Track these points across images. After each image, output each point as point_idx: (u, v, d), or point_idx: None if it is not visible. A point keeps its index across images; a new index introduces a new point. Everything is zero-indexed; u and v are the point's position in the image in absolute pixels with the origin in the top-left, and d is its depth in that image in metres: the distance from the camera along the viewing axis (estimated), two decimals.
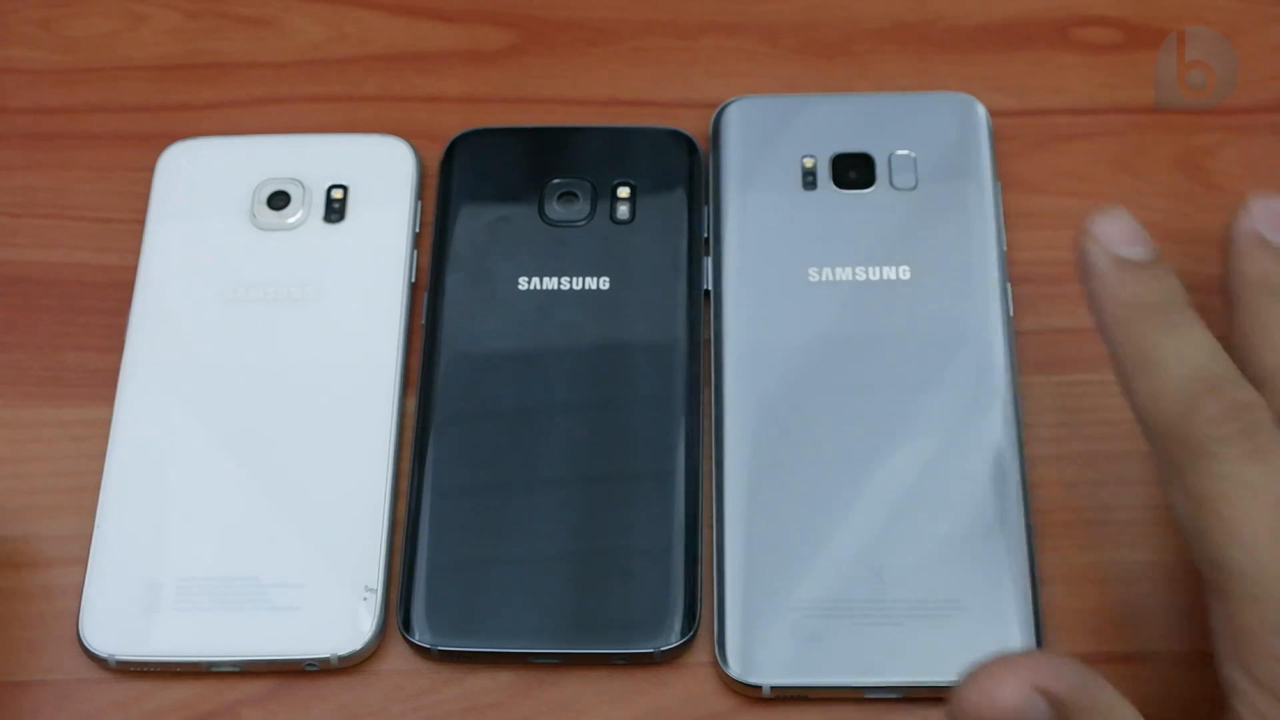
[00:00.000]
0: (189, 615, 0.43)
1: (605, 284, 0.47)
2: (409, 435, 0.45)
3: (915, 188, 0.48)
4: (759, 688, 0.41)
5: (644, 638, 0.42)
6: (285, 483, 0.44)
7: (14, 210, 0.50)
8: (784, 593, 0.42)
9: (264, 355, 0.46)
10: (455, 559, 0.43)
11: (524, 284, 0.47)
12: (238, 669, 0.43)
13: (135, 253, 0.48)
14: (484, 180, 0.49)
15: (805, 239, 0.47)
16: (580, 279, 0.47)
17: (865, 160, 0.48)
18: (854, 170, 0.48)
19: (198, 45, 0.52)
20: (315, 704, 0.43)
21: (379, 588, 0.43)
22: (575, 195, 0.48)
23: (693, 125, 0.50)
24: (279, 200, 0.48)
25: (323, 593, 0.43)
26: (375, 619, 0.43)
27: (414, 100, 0.51)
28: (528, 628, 0.42)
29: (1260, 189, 0.49)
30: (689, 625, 0.42)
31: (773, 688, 0.41)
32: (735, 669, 0.42)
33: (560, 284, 0.47)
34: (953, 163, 0.48)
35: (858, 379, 0.45)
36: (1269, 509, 0.34)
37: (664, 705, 0.42)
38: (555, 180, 0.49)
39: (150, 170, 0.49)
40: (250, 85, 0.52)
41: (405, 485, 0.45)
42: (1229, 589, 0.34)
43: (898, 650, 0.41)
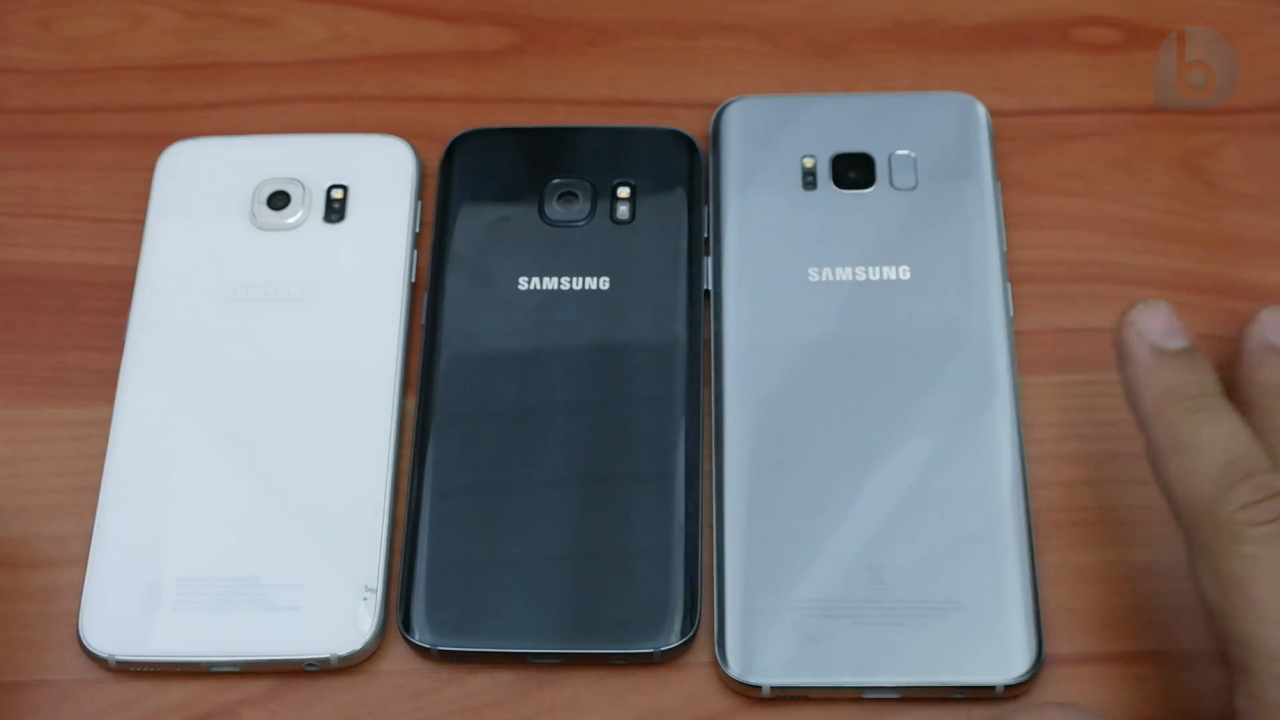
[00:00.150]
0: (189, 615, 0.43)
1: (605, 284, 0.47)
2: (409, 435, 0.45)
3: (915, 188, 0.48)
4: (759, 688, 0.41)
5: (644, 638, 0.42)
6: (285, 483, 0.44)
7: (14, 210, 0.50)
8: (784, 593, 0.42)
9: (264, 355, 0.46)
10: (455, 559, 0.43)
11: (524, 284, 0.47)
12: (238, 669, 0.43)
13: (135, 253, 0.48)
14: (484, 180, 0.49)
15: (805, 239, 0.47)
16: (580, 279, 0.47)
17: (865, 160, 0.48)
18: (854, 170, 0.48)
19: (198, 45, 0.52)
20: (315, 704, 0.43)
21: (379, 588, 0.43)
22: (575, 195, 0.48)
23: (693, 125, 0.50)
24: (279, 200, 0.48)
25: (323, 593, 0.43)
26: (375, 619, 0.43)
27: (414, 100, 0.51)
28: (528, 628, 0.42)
29: (1259, 191, 0.49)
30: (689, 625, 0.42)
31: (772, 688, 0.41)
32: (735, 669, 0.42)
33: (560, 284, 0.47)
34: (953, 163, 0.48)
35: (858, 379, 0.45)
36: None
37: (664, 705, 0.42)
38: (555, 180, 0.48)
39: (150, 170, 0.49)
40: (250, 85, 0.52)
41: (405, 485, 0.45)
42: (1256, 667, 0.35)
43: (897, 650, 0.41)
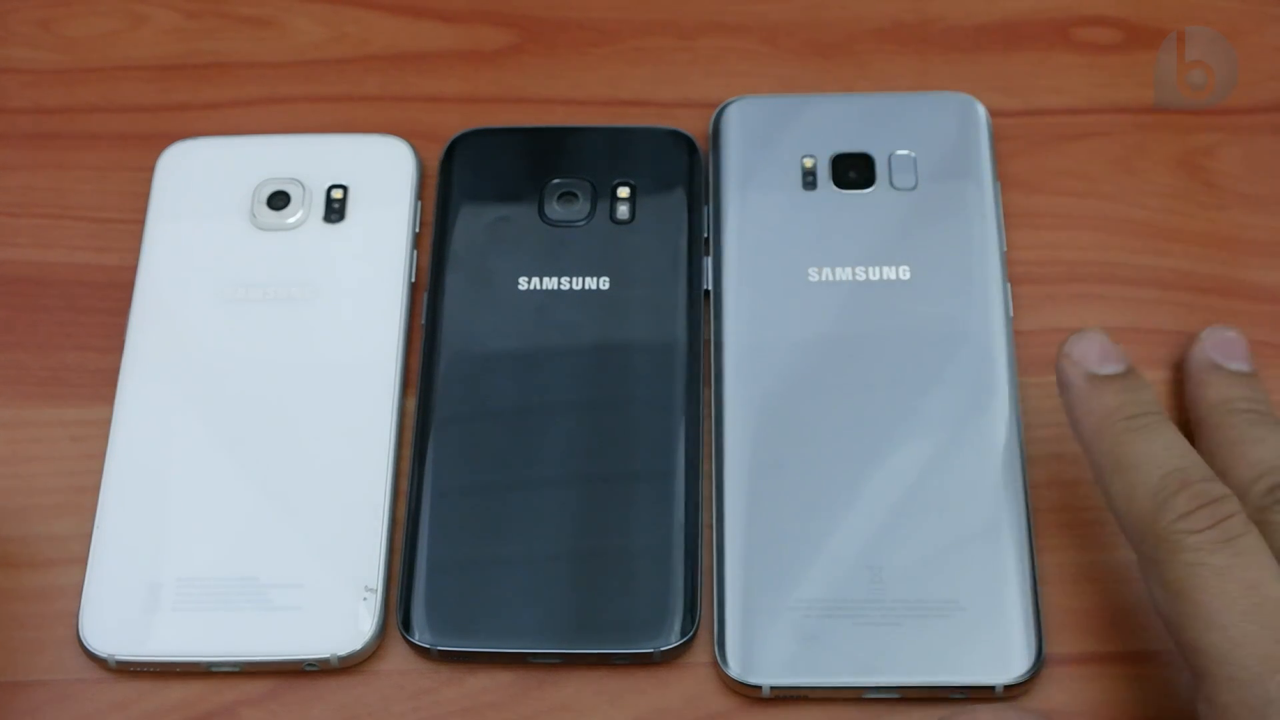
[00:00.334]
0: (189, 615, 0.43)
1: (605, 284, 0.47)
2: (409, 435, 0.45)
3: (915, 188, 0.48)
4: (759, 688, 0.41)
5: (644, 638, 0.42)
6: (285, 483, 0.44)
7: (14, 210, 0.50)
8: (784, 593, 0.42)
9: (264, 355, 0.46)
10: (455, 559, 0.43)
11: (524, 284, 0.47)
12: (237, 669, 0.43)
13: (135, 253, 0.48)
14: (484, 180, 0.49)
15: (805, 239, 0.47)
16: (580, 279, 0.47)
17: (865, 160, 0.48)
18: (854, 170, 0.48)
19: (198, 45, 0.52)
20: (315, 704, 0.43)
21: (379, 587, 0.43)
22: (575, 195, 0.48)
23: (693, 125, 0.50)
24: (279, 200, 0.48)
25: (322, 593, 0.43)
26: (375, 619, 0.43)
27: (414, 100, 0.51)
28: (528, 628, 0.42)
29: (1259, 191, 0.49)
30: (689, 625, 0.42)
31: (772, 688, 0.41)
32: (735, 669, 0.42)
33: (560, 284, 0.47)
34: (953, 163, 0.48)
35: (858, 379, 0.45)
36: (1241, 593, 0.36)
37: (664, 705, 0.42)
38: (555, 180, 0.48)
39: (150, 170, 0.49)
40: (250, 85, 0.52)
41: (405, 485, 0.45)
42: (1209, 672, 0.36)
43: (897, 650, 0.41)
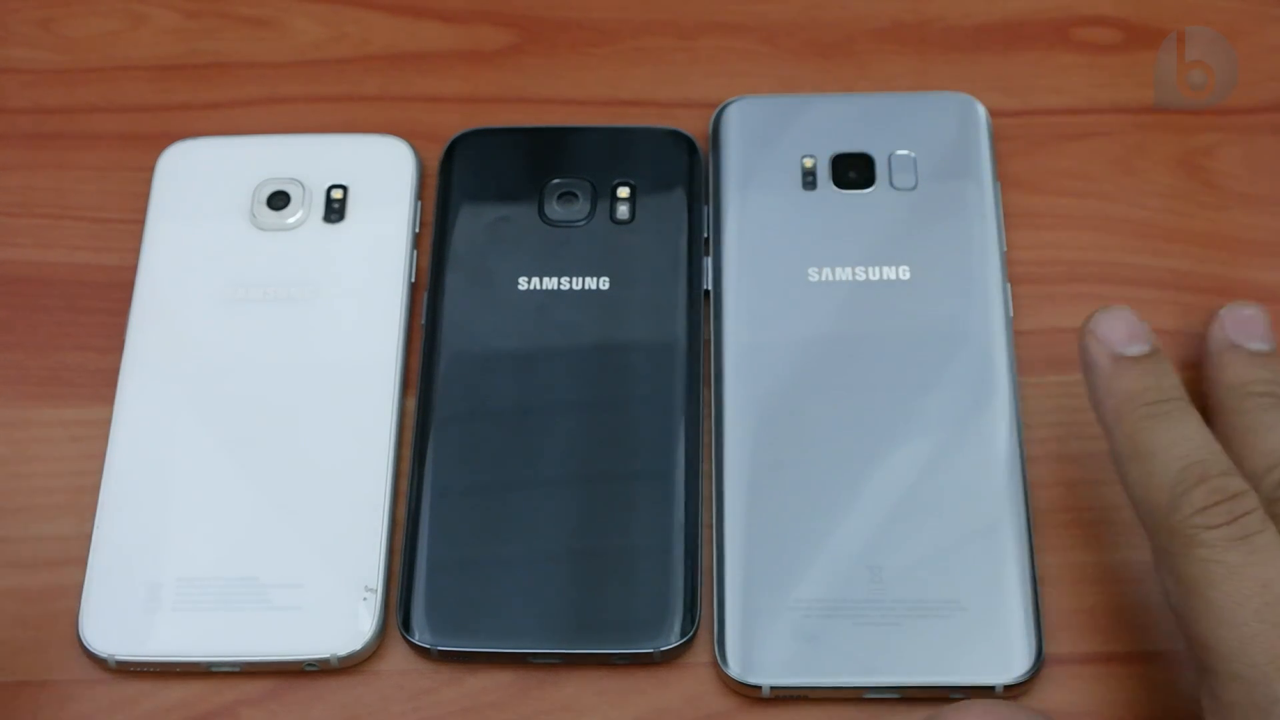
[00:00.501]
0: (189, 615, 0.43)
1: (605, 284, 0.47)
2: (409, 435, 0.45)
3: (915, 188, 0.48)
4: (759, 688, 0.41)
5: (644, 638, 0.42)
6: (285, 482, 0.44)
7: (14, 210, 0.50)
8: (784, 593, 0.42)
9: (264, 355, 0.46)
10: (455, 559, 0.43)
11: (524, 284, 0.47)
12: (238, 669, 0.43)
13: (135, 253, 0.48)
14: (484, 180, 0.49)
15: (805, 239, 0.47)
16: (580, 279, 0.47)
17: (865, 160, 0.48)
18: (854, 170, 0.48)
19: (198, 45, 0.52)
20: (315, 704, 0.43)
21: (379, 588, 0.43)
22: (575, 195, 0.48)
23: (693, 125, 0.50)
24: (279, 200, 0.48)
25: (322, 593, 0.43)
26: (375, 619, 0.43)
27: (414, 100, 0.51)
28: (528, 628, 0.42)
29: (1259, 191, 0.49)
30: (689, 625, 0.42)
31: (772, 688, 0.41)
32: (735, 669, 0.42)
33: (560, 284, 0.47)
34: (953, 163, 0.48)
35: (858, 379, 0.45)
36: (1253, 592, 0.36)
37: (664, 705, 0.42)
38: (555, 180, 0.48)
39: (150, 170, 0.49)
40: (250, 85, 0.52)
41: (405, 485, 0.45)
42: (1215, 668, 0.36)
43: (897, 650, 0.41)
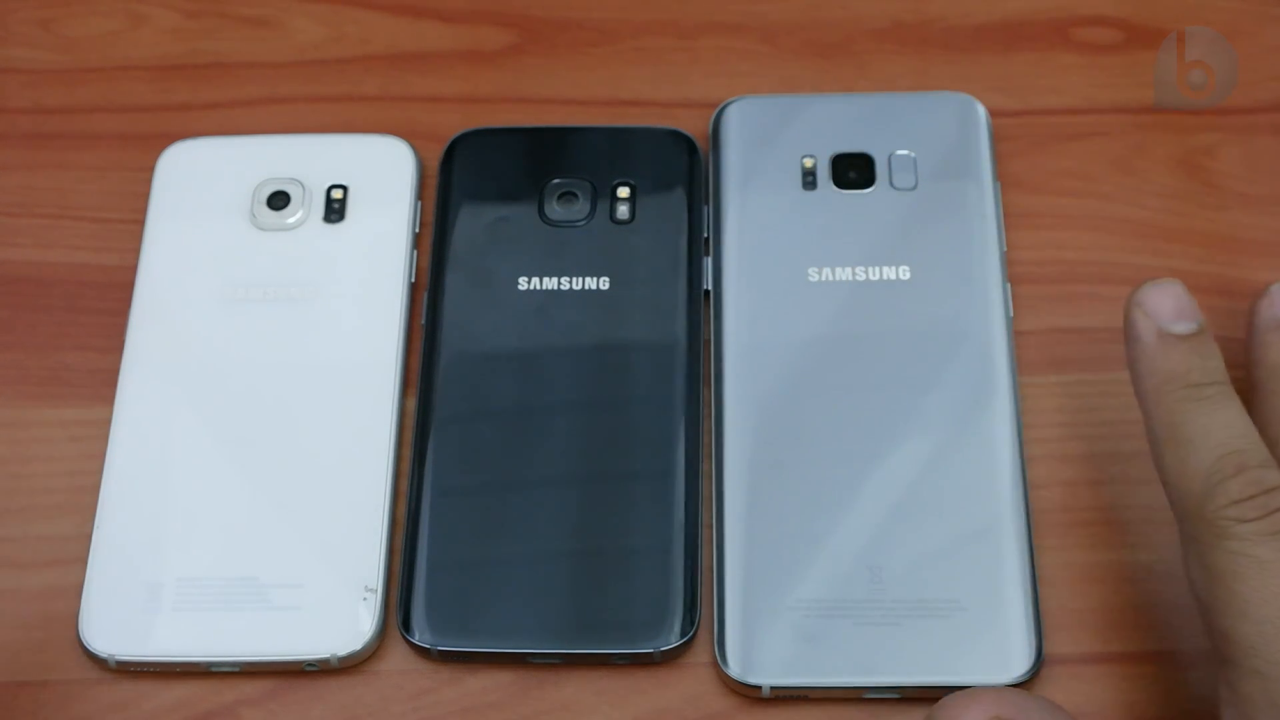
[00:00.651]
0: (189, 615, 0.43)
1: (605, 284, 0.47)
2: (409, 435, 0.45)
3: (915, 188, 0.48)
4: (759, 688, 0.41)
5: (644, 638, 0.42)
6: (285, 483, 0.44)
7: (14, 210, 0.50)
8: (784, 593, 0.42)
9: (264, 355, 0.46)
10: (455, 559, 0.43)
11: (524, 284, 0.47)
12: (238, 669, 0.43)
13: (135, 253, 0.48)
14: (484, 180, 0.49)
15: (805, 239, 0.47)
16: (580, 279, 0.47)
17: (865, 160, 0.48)
18: (854, 170, 0.48)
19: (198, 45, 0.52)
20: (315, 704, 0.43)
21: (379, 588, 0.43)
22: (575, 195, 0.48)
23: (693, 125, 0.50)
24: (279, 200, 0.48)
25: (323, 593, 0.43)
26: (375, 619, 0.43)
27: (414, 100, 0.51)
28: (528, 628, 0.42)
29: (1259, 191, 0.49)
30: (689, 625, 0.42)
31: (772, 688, 0.41)
32: (735, 669, 0.42)
33: (560, 284, 0.47)
34: (953, 163, 0.48)
35: (858, 379, 0.45)
36: None
37: (664, 705, 0.42)
38: (555, 180, 0.48)
39: (150, 170, 0.49)
40: (250, 85, 0.52)
41: (405, 485, 0.45)
42: (1236, 661, 0.36)
43: (897, 650, 0.41)
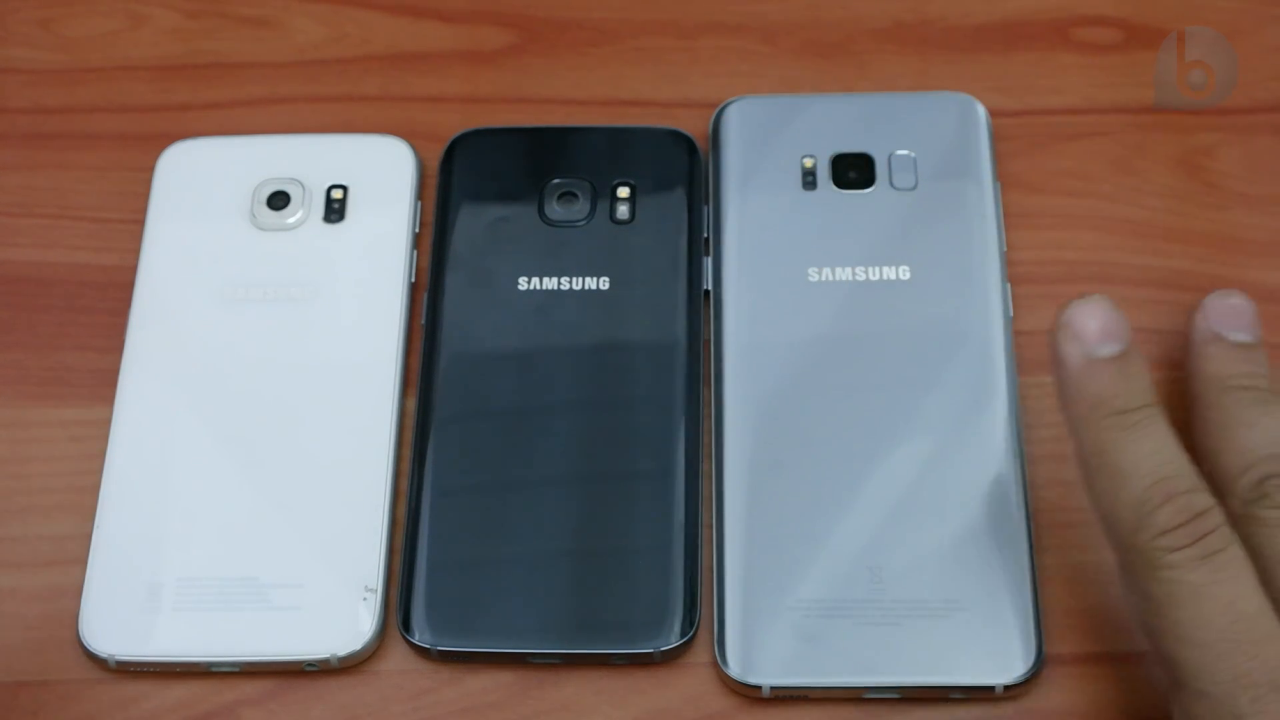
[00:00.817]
0: (189, 615, 0.43)
1: (605, 284, 0.47)
2: (409, 435, 0.45)
3: (915, 188, 0.48)
4: (759, 688, 0.41)
5: (644, 638, 0.42)
6: (285, 483, 0.44)
7: (14, 210, 0.50)
8: (784, 593, 0.42)
9: (264, 355, 0.46)
10: (455, 559, 0.43)
11: (524, 284, 0.47)
12: (238, 669, 0.43)
13: (135, 253, 0.48)
14: (484, 180, 0.49)
15: (805, 239, 0.47)
16: (580, 279, 0.47)
17: (865, 160, 0.48)
18: (854, 170, 0.48)
19: (198, 45, 0.52)
20: (315, 704, 0.43)
21: (379, 588, 0.43)
22: (575, 195, 0.48)
23: (693, 125, 0.50)
24: (279, 200, 0.48)
25: (323, 593, 0.43)
26: (375, 619, 0.43)
27: (414, 100, 0.51)
28: (528, 628, 0.42)
29: (1259, 191, 0.49)
30: (689, 625, 0.42)
31: (772, 688, 0.41)
32: (735, 669, 0.42)
33: (560, 284, 0.47)
34: (953, 163, 0.48)
35: (858, 379, 0.45)
36: (1218, 611, 0.35)
37: (664, 705, 0.42)
38: (555, 180, 0.48)
39: (150, 170, 0.49)
40: (250, 85, 0.52)
41: (405, 485, 0.45)
42: (1183, 683, 0.36)
43: (897, 650, 0.41)
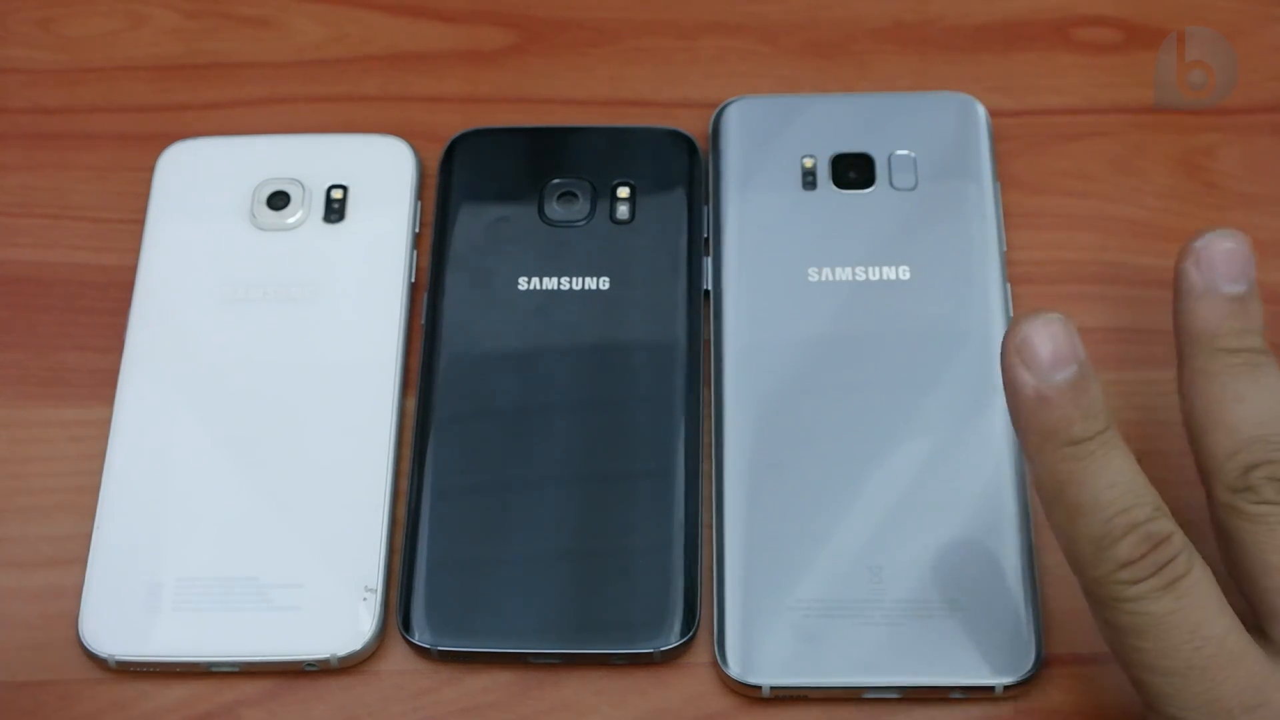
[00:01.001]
0: (189, 615, 0.43)
1: (605, 284, 0.47)
2: (409, 435, 0.45)
3: (915, 188, 0.48)
4: (759, 688, 0.41)
5: (644, 638, 0.42)
6: (285, 482, 0.44)
7: (14, 210, 0.50)
8: (783, 593, 0.42)
9: (264, 355, 0.46)
10: (455, 559, 0.43)
11: (524, 284, 0.47)
12: (238, 669, 0.43)
13: (135, 253, 0.48)
14: (484, 180, 0.49)
15: (805, 239, 0.47)
16: (580, 279, 0.47)
17: (865, 160, 0.48)
18: (854, 170, 0.48)
19: (198, 45, 0.52)
20: (315, 704, 0.43)
21: (379, 588, 0.43)
22: (575, 195, 0.48)
23: (693, 125, 0.50)
24: (279, 200, 0.48)
25: (323, 593, 0.43)
26: (375, 619, 0.43)
27: (414, 100, 0.51)
28: (528, 628, 0.42)
29: (1259, 191, 0.49)
30: (689, 625, 0.42)
31: (772, 688, 0.41)
32: (735, 669, 0.42)
33: (560, 284, 0.47)
34: (953, 163, 0.48)
35: (858, 379, 0.45)
36: (1183, 640, 0.35)
37: (664, 705, 0.42)
38: (555, 180, 0.48)
39: (150, 170, 0.49)
40: (250, 85, 0.52)
41: (405, 485, 0.45)
42: (1155, 708, 0.36)
43: (897, 650, 0.41)
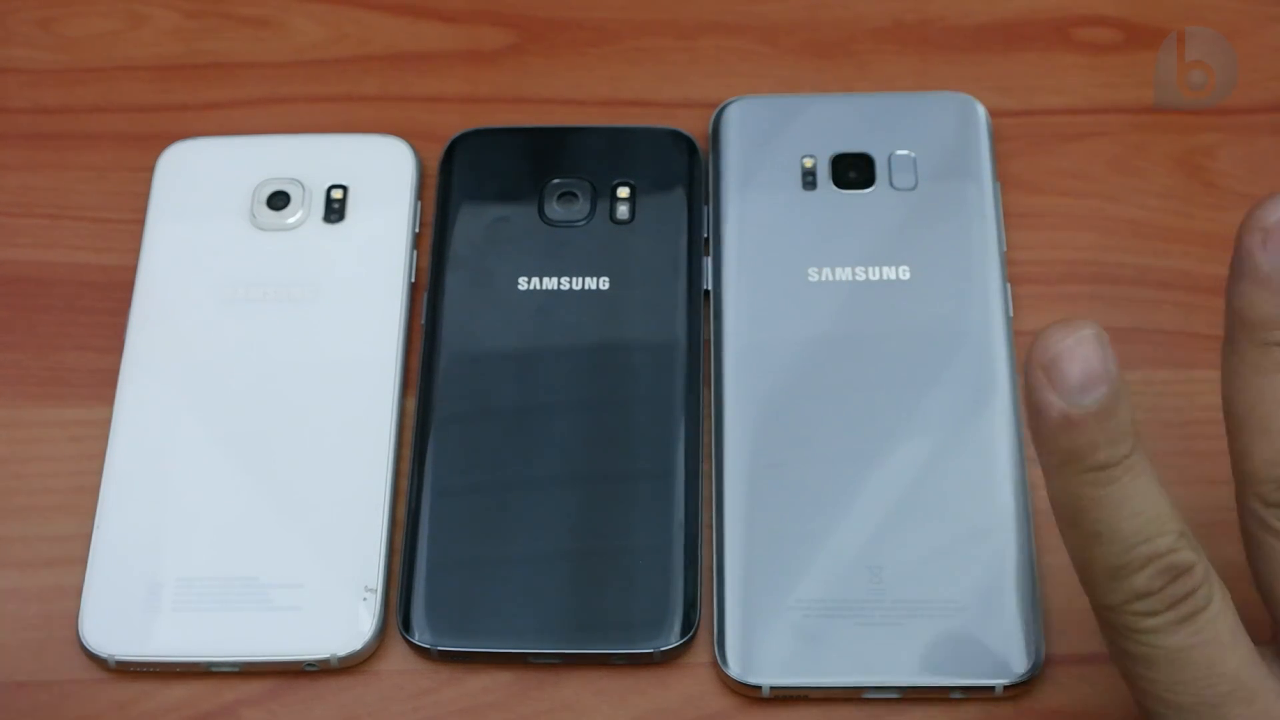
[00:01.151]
0: (189, 615, 0.43)
1: (605, 284, 0.47)
2: (409, 435, 0.45)
3: (915, 188, 0.48)
4: (759, 688, 0.41)
5: (644, 638, 0.42)
6: (285, 483, 0.44)
7: (14, 210, 0.50)
8: (784, 593, 0.42)
9: (264, 355, 0.46)
10: (455, 559, 0.43)
11: (524, 284, 0.47)
12: (237, 669, 0.43)
13: (135, 253, 0.48)
14: (484, 180, 0.49)
15: (805, 239, 0.47)
16: (580, 279, 0.47)
17: (865, 160, 0.48)
18: (854, 170, 0.48)
19: (198, 45, 0.52)
20: (315, 704, 0.43)
21: (379, 588, 0.43)
22: (575, 195, 0.48)
23: (693, 125, 0.50)
24: (279, 200, 0.48)
25: (323, 593, 0.43)
26: (375, 619, 0.43)
27: (414, 100, 0.51)
28: (528, 628, 0.42)
29: (1259, 191, 0.49)
30: (689, 625, 0.42)
31: (772, 688, 0.41)
32: (735, 669, 0.42)
33: (560, 284, 0.47)
34: (953, 163, 0.48)
35: (858, 379, 0.45)
36: (1196, 675, 0.35)
37: (664, 705, 0.42)
38: (555, 180, 0.48)
39: (150, 170, 0.49)
40: (250, 85, 0.52)
41: (405, 485, 0.45)
42: None
43: (897, 650, 0.41)
